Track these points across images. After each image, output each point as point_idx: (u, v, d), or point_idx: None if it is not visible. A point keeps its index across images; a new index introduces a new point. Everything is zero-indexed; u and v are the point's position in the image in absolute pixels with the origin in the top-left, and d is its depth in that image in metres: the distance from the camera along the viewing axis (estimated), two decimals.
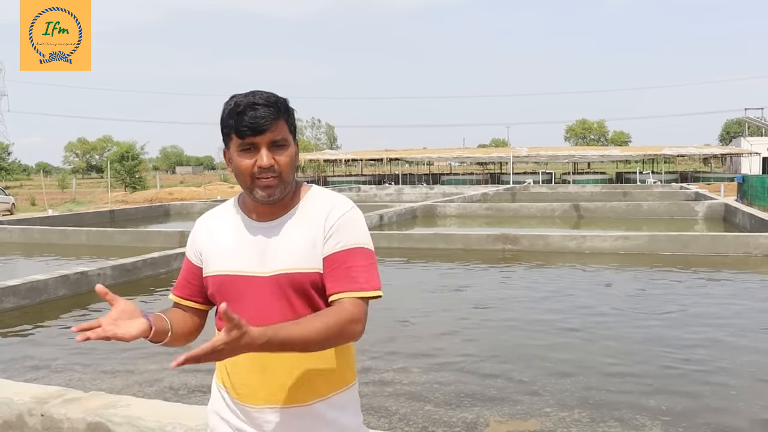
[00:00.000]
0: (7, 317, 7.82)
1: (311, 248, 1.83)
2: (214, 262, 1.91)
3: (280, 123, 1.81)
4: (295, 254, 1.83)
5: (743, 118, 76.88)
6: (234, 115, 1.78)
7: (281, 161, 1.81)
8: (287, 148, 1.83)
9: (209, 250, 1.93)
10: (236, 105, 1.78)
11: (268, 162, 1.79)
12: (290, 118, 1.86)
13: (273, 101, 1.80)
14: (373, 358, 5.86)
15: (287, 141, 1.83)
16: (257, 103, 1.77)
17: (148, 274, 10.29)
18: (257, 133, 1.77)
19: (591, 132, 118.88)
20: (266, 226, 1.89)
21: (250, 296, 1.84)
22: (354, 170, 72.72)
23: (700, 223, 19.12)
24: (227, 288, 1.88)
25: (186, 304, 2.01)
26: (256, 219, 1.91)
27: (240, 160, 1.81)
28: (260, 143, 1.79)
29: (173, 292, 2.05)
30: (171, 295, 2.05)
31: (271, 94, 1.82)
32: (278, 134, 1.80)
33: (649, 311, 7.73)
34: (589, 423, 4.45)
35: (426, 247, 13.46)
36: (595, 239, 12.83)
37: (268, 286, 1.83)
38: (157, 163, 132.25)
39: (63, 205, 36.82)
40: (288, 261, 1.83)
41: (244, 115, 1.76)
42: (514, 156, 58.17)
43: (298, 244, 1.84)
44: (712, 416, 4.61)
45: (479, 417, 4.59)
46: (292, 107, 1.87)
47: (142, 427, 3.06)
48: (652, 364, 5.81)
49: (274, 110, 1.79)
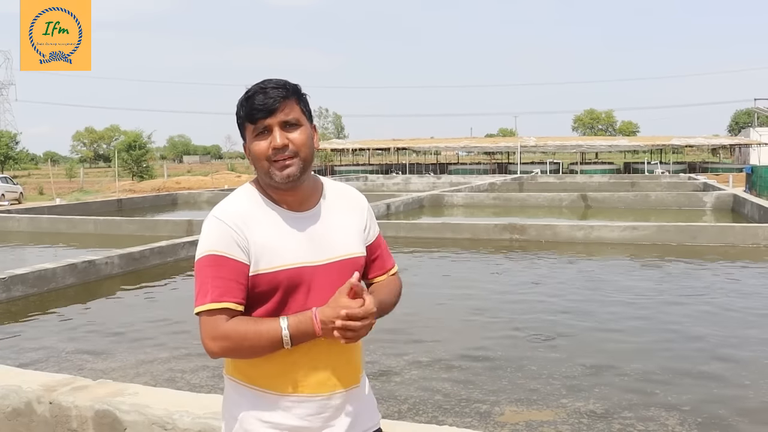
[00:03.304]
0: (16, 305, 7.86)
1: (359, 235, 1.98)
2: (271, 257, 1.80)
3: (291, 103, 1.82)
4: (350, 241, 1.94)
5: (753, 108, 76.41)
6: (245, 103, 1.81)
7: (296, 139, 1.81)
8: (301, 126, 1.83)
9: (259, 245, 1.81)
10: (246, 93, 1.82)
11: (281, 141, 1.79)
12: (302, 100, 1.87)
13: (282, 84, 1.82)
14: (381, 348, 5.85)
15: (300, 121, 1.83)
16: (266, 87, 1.80)
17: (156, 262, 10.31)
18: (268, 114, 1.78)
19: (599, 122, 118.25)
20: (305, 215, 1.89)
21: (316, 285, 1.84)
22: (361, 160, 72.55)
23: (709, 214, 19.03)
24: (295, 281, 1.82)
25: (240, 310, 1.79)
26: (289, 209, 1.88)
27: (255, 144, 1.82)
28: (272, 124, 1.79)
29: (227, 299, 1.76)
30: (225, 303, 1.76)
31: (279, 80, 1.84)
32: (290, 114, 1.81)
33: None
34: (602, 415, 4.44)
35: (433, 236, 13.44)
36: (602, 229, 12.78)
37: (329, 274, 1.86)
38: (164, 152, 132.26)
39: (71, 194, 36.95)
40: (347, 247, 1.92)
41: (254, 100, 1.79)
42: (522, 146, 57.98)
43: (350, 231, 1.95)
44: (721, 405, 4.60)
45: (493, 407, 4.58)
46: (304, 92, 1.88)
47: (150, 415, 3.06)
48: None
49: (282, 91, 1.80)
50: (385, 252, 2.08)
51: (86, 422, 3.19)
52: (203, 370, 5.31)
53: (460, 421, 4.32)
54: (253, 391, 1.85)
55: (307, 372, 1.83)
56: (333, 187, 2.00)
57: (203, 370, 5.32)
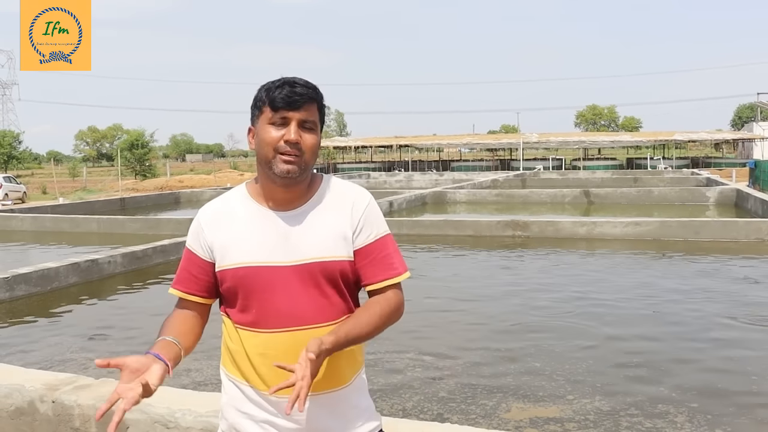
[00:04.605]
0: (19, 305, 7.86)
1: (341, 238, 1.87)
2: (233, 254, 1.85)
3: (313, 106, 1.85)
4: (326, 243, 1.86)
5: (756, 102, 76.10)
6: (272, 89, 1.83)
7: (307, 142, 1.84)
8: (314, 132, 1.86)
9: (224, 242, 1.87)
10: (274, 81, 1.85)
11: (295, 137, 1.81)
12: (321, 108, 1.89)
13: (312, 86, 1.86)
14: (385, 346, 5.84)
15: (316, 126, 1.86)
16: (297, 82, 1.83)
17: (159, 261, 10.31)
18: (292, 108, 1.81)
19: (601, 117, 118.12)
20: (287, 215, 1.88)
21: (278, 286, 1.83)
22: (363, 157, 72.58)
23: (712, 209, 19.00)
24: (252, 279, 1.83)
25: (190, 299, 1.96)
26: (273, 207, 1.89)
27: (268, 130, 1.83)
28: (291, 119, 1.81)
29: (176, 287, 1.98)
30: (172, 290, 1.98)
31: (309, 81, 1.87)
32: (310, 115, 1.84)
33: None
34: (609, 412, 4.42)
35: (436, 233, 13.42)
36: (605, 225, 12.75)
37: (297, 275, 1.83)
38: (167, 150, 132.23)
39: (74, 193, 37.00)
40: (319, 249, 1.85)
41: (282, 89, 1.81)
42: (524, 142, 57.93)
43: (327, 233, 1.87)
44: (728, 400, 4.59)
45: (500, 403, 4.57)
46: (325, 102, 1.91)
47: (152, 413, 3.05)
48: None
49: (312, 92, 1.84)
50: (381, 260, 1.91)
51: (89, 421, 3.18)
52: (208, 369, 5.30)
53: (464, 418, 4.31)
54: (232, 381, 1.92)
55: (274, 370, 1.76)
56: (333, 187, 1.95)
57: (208, 368, 5.31)
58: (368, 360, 5.45)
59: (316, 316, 1.84)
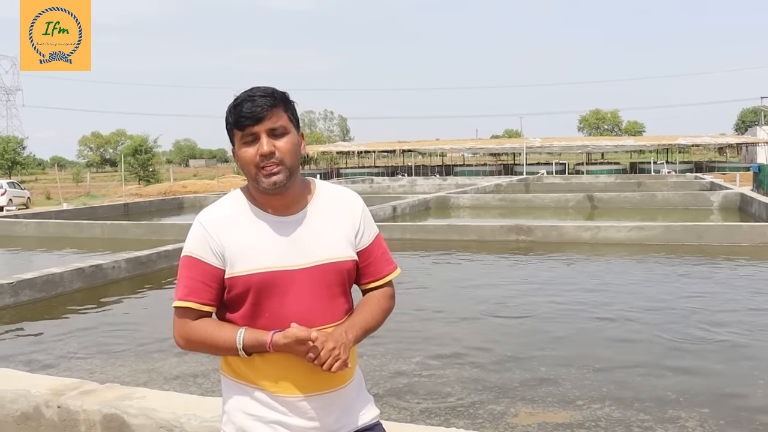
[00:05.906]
0: (24, 310, 7.86)
1: (347, 239, 1.96)
2: (244, 260, 1.86)
3: (278, 111, 1.86)
4: (335, 244, 1.93)
5: (759, 106, 76.00)
6: (233, 110, 1.86)
7: (282, 147, 1.85)
8: (287, 134, 1.87)
9: (235, 249, 1.87)
10: (234, 101, 1.86)
11: (268, 149, 1.84)
12: (289, 108, 1.90)
13: (269, 92, 1.86)
14: (391, 350, 5.83)
15: (287, 129, 1.88)
16: (254, 95, 1.84)
17: (163, 266, 10.30)
18: (255, 122, 1.83)
19: (604, 122, 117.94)
20: (289, 220, 1.92)
21: (291, 290, 1.88)
22: (367, 162, 72.65)
23: (715, 213, 18.96)
24: (266, 285, 1.86)
25: (205, 310, 1.90)
26: (274, 213, 1.92)
27: (243, 151, 1.86)
28: (259, 132, 1.84)
29: (190, 299, 1.88)
30: (188, 303, 1.88)
31: (268, 87, 1.88)
32: (276, 122, 1.86)
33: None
34: (620, 419, 4.39)
35: (439, 238, 13.40)
36: (609, 230, 12.73)
37: (308, 278, 1.88)
38: (170, 156, 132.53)
39: (78, 198, 37.04)
40: (331, 251, 1.92)
41: (242, 107, 1.83)
42: (527, 147, 57.90)
43: (334, 235, 1.94)
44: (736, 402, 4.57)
45: (508, 408, 4.54)
46: (291, 99, 1.92)
47: (157, 418, 3.05)
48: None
49: (270, 99, 1.84)
50: (381, 258, 2.04)
51: (94, 426, 3.18)
52: (214, 374, 5.28)
53: (471, 423, 4.29)
54: (239, 385, 1.92)
55: (285, 372, 1.87)
56: (327, 190, 2.02)
57: (214, 373, 5.29)
58: (373, 364, 5.46)
59: (325, 318, 1.90)
